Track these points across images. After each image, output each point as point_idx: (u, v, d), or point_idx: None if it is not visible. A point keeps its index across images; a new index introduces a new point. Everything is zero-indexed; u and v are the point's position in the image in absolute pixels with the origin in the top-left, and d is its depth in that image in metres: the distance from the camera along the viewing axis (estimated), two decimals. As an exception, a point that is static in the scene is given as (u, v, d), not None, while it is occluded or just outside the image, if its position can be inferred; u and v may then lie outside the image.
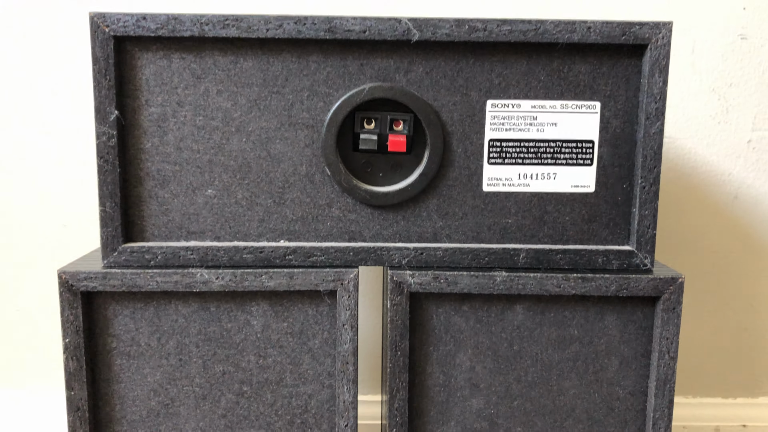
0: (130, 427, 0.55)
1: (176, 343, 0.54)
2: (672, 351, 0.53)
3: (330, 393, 0.55)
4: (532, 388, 0.55)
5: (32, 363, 0.88)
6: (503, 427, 0.55)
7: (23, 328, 0.87)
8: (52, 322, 0.87)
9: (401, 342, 0.53)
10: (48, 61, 0.81)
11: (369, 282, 0.90)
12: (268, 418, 0.55)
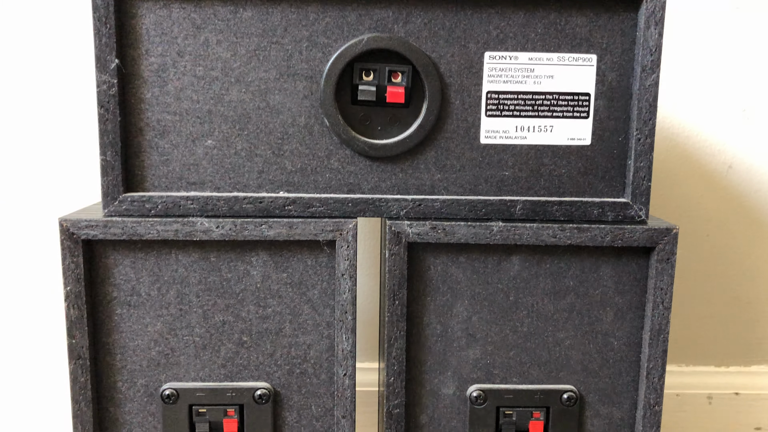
0: (131, 377, 0.55)
1: (176, 293, 0.54)
2: (666, 301, 0.54)
3: (329, 343, 0.56)
4: (528, 339, 0.56)
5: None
6: (499, 377, 0.56)
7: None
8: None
9: (399, 291, 0.54)
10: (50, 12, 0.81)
11: (366, 252, 0.91)
12: (268, 368, 0.56)
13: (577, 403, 0.56)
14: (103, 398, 0.55)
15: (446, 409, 0.56)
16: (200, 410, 0.56)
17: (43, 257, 0.87)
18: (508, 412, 0.56)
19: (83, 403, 0.54)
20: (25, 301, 0.88)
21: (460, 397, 0.56)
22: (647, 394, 0.55)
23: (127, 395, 0.56)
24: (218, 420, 0.56)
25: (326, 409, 0.57)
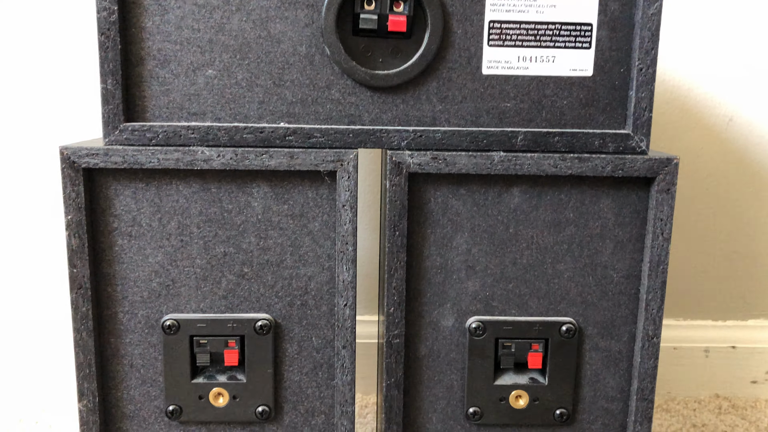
0: (132, 307, 0.56)
1: (177, 224, 0.55)
2: (666, 233, 0.54)
3: (329, 275, 0.56)
4: (528, 271, 0.56)
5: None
6: (498, 309, 0.56)
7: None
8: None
9: (399, 222, 0.54)
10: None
11: (365, 206, 0.91)
12: (269, 299, 0.56)
13: (576, 335, 0.56)
14: (104, 329, 0.56)
15: (445, 341, 0.57)
16: (201, 341, 0.56)
17: (46, 189, 0.87)
18: (507, 344, 0.57)
19: (84, 333, 0.55)
20: (28, 232, 0.88)
21: (459, 329, 0.57)
22: (646, 326, 0.56)
23: (128, 326, 0.56)
24: (219, 351, 0.56)
25: (327, 340, 0.57)
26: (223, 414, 0.57)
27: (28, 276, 0.90)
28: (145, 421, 0.58)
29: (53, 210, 0.88)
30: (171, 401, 0.57)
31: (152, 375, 0.57)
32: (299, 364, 0.57)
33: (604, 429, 0.58)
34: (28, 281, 0.90)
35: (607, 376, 0.57)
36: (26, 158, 0.86)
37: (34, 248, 0.89)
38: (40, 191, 0.87)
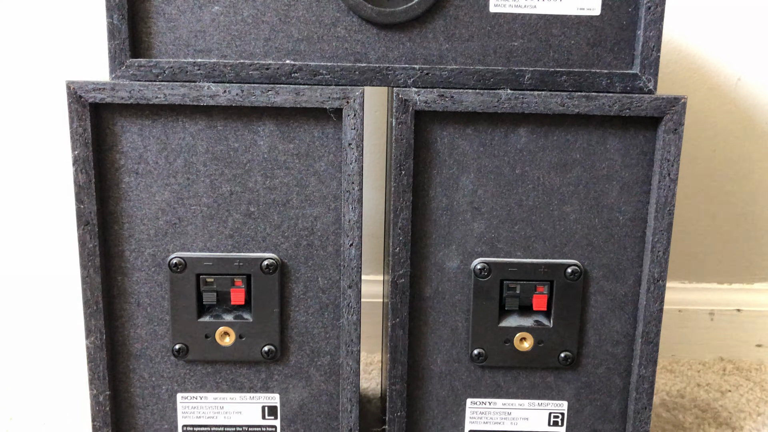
0: (138, 246, 0.56)
1: (184, 161, 0.55)
2: (672, 174, 0.54)
3: (335, 216, 0.56)
4: (533, 213, 0.56)
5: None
6: (503, 251, 0.56)
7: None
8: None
9: (405, 161, 0.54)
10: None
11: (370, 166, 0.90)
12: (275, 239, 0.56)
13: (581, 277, 0.56)
14: (111, 267, 0.56)
15: (450, 283, 0.57)
16: (207, 280, 0.56)
17: (51, 126, 0.87)
18: (512, 286, 0.57)
19: (92, 270, 0.55)
20: (36, 169, 0.89)
21: (464, 271, 0.57)
22: (651, 268, 0.55)
23: (135, 264, 0.56)
24: (225, 290, 0.56)
25: (332, 281, 0.57)
26: (230, 353, 0.58)
27: (35, 215, 0.90)
28: (151, 360, 0.58)
29: (59, 154, 0.88)
30: (177, 340, 0.57)
31: (159, 314, 0.57)
32: (305, 305, 0.58)
33: (608, 373, 0.59)
34: (35, 221, 0.90)
35: (612, 319, 0.58)
36: (33, 96, 0.87)
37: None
38: (47, 128, 0.87)
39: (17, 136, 0.87)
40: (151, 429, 0.59)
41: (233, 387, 0.59)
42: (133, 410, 0.59)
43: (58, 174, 0.89)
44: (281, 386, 0.59)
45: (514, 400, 0.59)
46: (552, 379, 0.59)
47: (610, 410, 0.59)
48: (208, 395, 0.59)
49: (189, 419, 0.59)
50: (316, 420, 0.60)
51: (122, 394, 0.58)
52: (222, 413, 0.59)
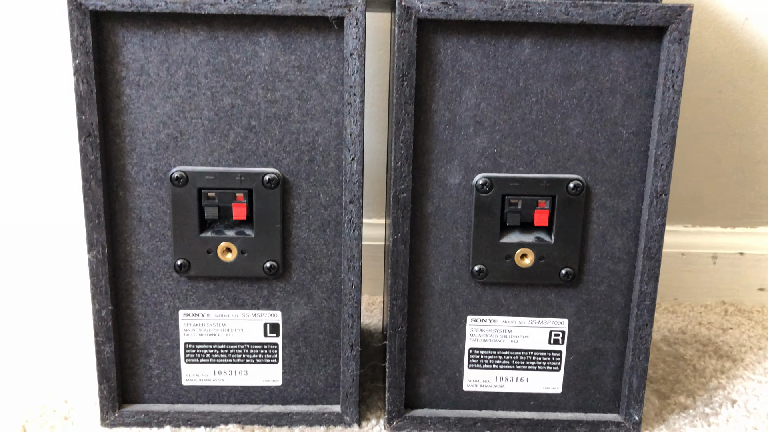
0: (140, 159, 0.56)
1: (185, 73, 0.54)
2: (677, 85, 0.53)
3: (337, 130, 0.56)
4: (536, 127, 0.55)
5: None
6: (506, 166, 0.56)
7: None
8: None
9: (408, 71, 0.53)
10: None
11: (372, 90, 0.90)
12: (276, 154, 0.56)
13: (583, 192, 0.56)
14: (113, 181, 0.56)
15: (452, 199, 0.57)
16: (209, 194, 0.56)
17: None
18: (514, 201, 0.56)
19: (93, 182, 0.55)
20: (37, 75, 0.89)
21: (466, 186, 0.57)
22: (654, 182, 0.55)
23: (137, 179, 0.56)
24: (227, 205, 0.56)
25: (334, 197, 0.57)
26: (232, 269, 0.58)
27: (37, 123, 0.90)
28: (153, 277, 0.58)
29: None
30: (179, 255, 0.57)
31: (161, 229, 0.57)
32: (307, 221, 0.58)
33: (609, 290, 0.59)
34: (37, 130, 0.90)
35: (614, 236, 0.57)
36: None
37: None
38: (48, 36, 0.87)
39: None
40: (153, 346, 0.60)
41: (235, 304, 0.59)
42: (135, 327, 0.59)
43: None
44: (283, 303, 0.59)
45: (514, 317, 0.59)
46: (553, 297, 0.59)
47: (611, 328, 0.59)
48: (210, 312, 0.59)
49: (191, 336, 0.60)
50: (317, 337, 0.60)
51: (124, 310, 0.59)
52: (224, 330, 0.59)
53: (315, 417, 0.60)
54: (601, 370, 0.60)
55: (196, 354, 0.60)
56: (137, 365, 0.60)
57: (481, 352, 0.60)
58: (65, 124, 0.88)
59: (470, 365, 0.60)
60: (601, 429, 0.60)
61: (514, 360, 0.60)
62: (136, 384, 0.60)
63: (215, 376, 0.60)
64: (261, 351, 0.60)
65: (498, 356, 0.60)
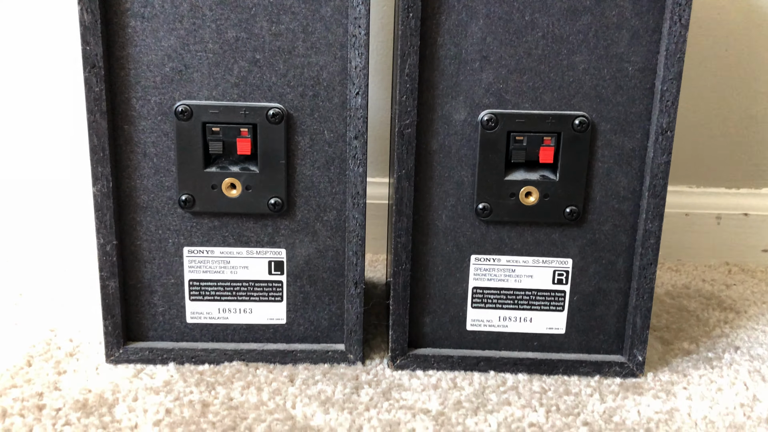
0: (145, 93, 0.56)
1: (190, 5, 0.54)
2: (684, 19, 0.53)
3: (342, 65, 0.56)
4: (542, 62, 0.55)
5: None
6: (511, 102, 0.56)
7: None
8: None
9: (414, 3, 0.53)
10: None
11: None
12: (281, 89, 0.56)
13: (589, 129, 0.56)
14: (117, 114, 0.56)
15: (457, 136, 0.57)
16: (213, 129, 0.56)
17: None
18: (519, 138, 0.56)
19: (98, 115, 0.55)
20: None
21: (471, 123, 0.56)
22: (660, 119, 0.55)
23: (141, 113, 0.56)
24: (232, 140, 0.56)
25: (339, 134, 0.57)
26: (236, 205, 0.58)
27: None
28: (158, 213, 0.58)
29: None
30: (184, 191, 0.57)
31: (165, 164, 0.57)
32: (311, 158, 0.58)
33: (614, 230, 0.59)
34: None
35: (618, 174, 0.57)
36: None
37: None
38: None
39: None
40: (158, 283, 0.60)
41: (240, 241, 0.59)
42: (139, 264, 0.59)
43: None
44: (288, 241, 0.59)
45: (518, 257, 0.59)
46: (557, 236, 0.59)
47: (616, 268, 0.59)
48: (215, 249, 0.59)
49: (195, 274, 0.60)
50: (321, 276, 0.60)
51: (129, 246, 0.59)
52: (228, 268, 0.60)
53: (319, 355, 0.61)
54: (604, 311, 0.60)
55: (201, 291, 0.60)
56: (142, 302, 0.60)
57: (485, 291, 0.60)
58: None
59: (474, 305, 0.60)
60: (605, 369, 0.60)
61: (518, 300, 0.60)
62: (141, 321, 0.61)
63: (220, 314, 0.60)
64: (266, 289, 0.60)
65: (501, 296, 0.60)
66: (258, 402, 0.54)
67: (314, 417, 0.53)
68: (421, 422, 0.52)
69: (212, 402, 0.54)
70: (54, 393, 0.55)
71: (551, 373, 0.61)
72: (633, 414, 0.55)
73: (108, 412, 0.53)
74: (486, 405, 0.55)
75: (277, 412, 0.53)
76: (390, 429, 0.51)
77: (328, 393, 0.56)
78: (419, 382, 0.58)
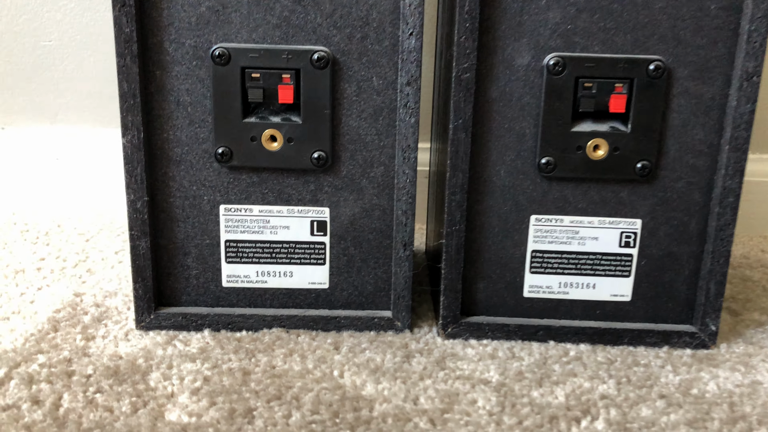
0: (179, 35, 0.51)
1: (228, -63, 0.49)
2: (777, -50, 0.48)
3: (393, 3, 0.50)
4: (615, 0, 0.50)
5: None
6: (580, 45, 0.51)
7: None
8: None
9: (475, -67, 0.48)
10: None
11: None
12: (326, 30, 0.51)
13: (665, 75, 0.51)
14: (149, 59, 0.51)
15: (519, 82, 0.52)
16: (253, 75, 0.51)
17: None
18: (588, 84, 0.51)
19: (128, 58, 0.50)
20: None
21: (535, 68, 0.51)
22: (745, 63, 0.50)
23: (175, 57, 0.52)
24: (273, 87, 0.52)
25: (389, 81, 0.52)
26: (277, 159, 0.53)
27: None
28: (192, 167, 0.54)
29: None
30: (221, 143, 0.53)
31: (200, 114, 0.53)
32: (358, 108, 0.53)
33: (687, 187, 0.53)
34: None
35: (695, 126, 0.52)
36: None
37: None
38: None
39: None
40: (192, 243, 0.56)
41: (280, 199, 0.55)
42: (172, 222, 0.55)
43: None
44: (331, 199, 0.55)
45: (582, 217, 0.55)
46: (625, 195, 0.54)
47: (688, 230, 0.54)
48: (254, 207, 0.55)
49: (232, 234, 0.55)
50: (367, 237, 0.56)
51: (161, 204, 0.55)
52: (268, 228, 0.55)
53: (364, 322, 0.56)
54: (674, 277, 0.56)
55: (238, 253, 0.56)
56: (174, 264, 0.56)
57: (545, 255, 0.55)
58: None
59: (532, 269, 0.56)
60: (674, 340, 0.56)
61: (581, 264, 0.56)
62: (173, 285, 0.56)
63: (258, 278, 0.56)
64: (307, 251, 0.56)
65: (563, 260, 0.55)
66: (303, 370, 0.50)
67: (365, 386, 0.48)
68: (482, 393, 0.48)
69: (253, 370, 0.50)
70: (83, 359, 0.51)
71: (615, 343, 0.56)
72: (712, 386, 0.50)
73: (141, 379, 0.49)
74: (550, 376, 0.51)
75: (324, 381, 0.49)
76: (449, 400, 0.47)
77: (377, 361, 0.52)
78: (474, 352, 0.54)
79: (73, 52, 0.85)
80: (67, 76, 0.86)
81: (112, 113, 0.87)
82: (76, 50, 0.85)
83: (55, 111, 0.88)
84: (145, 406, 0.46)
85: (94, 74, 0.86)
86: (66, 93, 0.87)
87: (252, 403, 0.46)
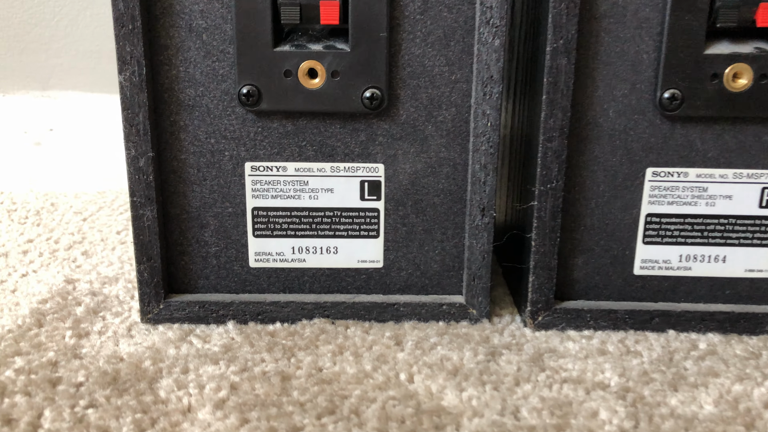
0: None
1: None
2: None
3: None
4: None
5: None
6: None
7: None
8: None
9: None
10: None
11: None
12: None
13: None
14: (152, -30, 0.40)
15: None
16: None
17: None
18: (730, -10, 0.39)
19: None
20: None
21: (658, -29, 0.39)
22: None
23: (185, -34, 0.40)
24: (313, 4, 0.40)
25: (463, -7, 0.40)
26: (318, 100, 0.41)
27: None
28: (210, 113, 0.42)
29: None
30: (245, 80, 0.41)
31: (219, 43, 0.41)
32: (424, 30, 0.41)
33: None
34: None
35: None
36: None
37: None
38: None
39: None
40: (210, 213, 0.44)
41: (322, 153, 0.43)
42: (184, 186, 0.43)
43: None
44: (387, 153, 0.43)
45: (713, 169, 0.42)
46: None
47: None
48: (288, 165, 0.43)
49: (261, 200, 0.43)
50: (432, 201, 0.44)
51: (170, 161, 0.43)
52: (306, 191, 0.43)
53: (429, 310, 0.44)
54: (831, 246, 0.43)
55: (269, 224, 0.44)
56: (188, 240, 0.44)
57: (663, 219, 0.43)
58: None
59: (646, 239, 0.43)
60: (830, 327, 0.43)
61: (708, 231, 0.43)
62: (187, 266, 0.45)
63: (294, 255, 0.44)
64: (356, 220, 0.44)
65: (686, 226, 0.43)
66: (359, 373, 0.38)
67: (444, 394, 0.36)
68: (604, 402, 0.36)
69: (294, 374, 0.38)
70: (73, 363, 0.39)
71: (753, 331, 0.44)
72: None
73: (148, 388, 0.37)
74: (685, 377, 0.38)
75: (389, 388, 0.37)
76: (561, 412, 0.35)
77: (455, 361, 0.40)
78: (577, 346, 0.42)
79: (67, 4, 0.73)
80: (60, 33, 0.74)
81: (115, 77, 0.75)
82: (72, 2, 0.73)
83: (48, 74, 0.76)
84: (154, 426, 0.34)
85: (92, 31, 0.74)
86: (60, 53, 0.75)
87: (298, 420, 0.34)
